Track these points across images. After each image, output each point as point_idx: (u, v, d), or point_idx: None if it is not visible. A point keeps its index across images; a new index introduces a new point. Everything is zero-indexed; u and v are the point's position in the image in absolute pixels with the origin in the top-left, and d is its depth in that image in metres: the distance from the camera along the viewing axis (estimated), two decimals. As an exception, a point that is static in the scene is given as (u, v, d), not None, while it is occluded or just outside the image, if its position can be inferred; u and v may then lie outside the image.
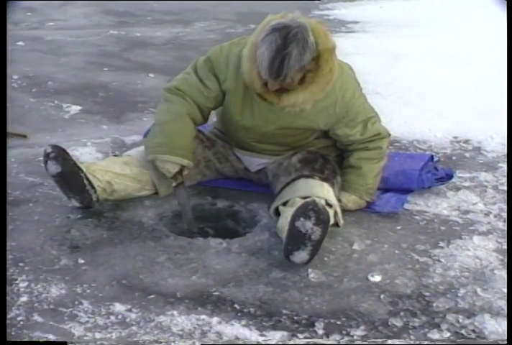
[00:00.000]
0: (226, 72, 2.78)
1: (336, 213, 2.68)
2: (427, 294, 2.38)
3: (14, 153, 3.42)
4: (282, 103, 2.69)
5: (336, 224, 2.70)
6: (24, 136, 3.63)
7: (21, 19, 6.28)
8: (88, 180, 2.77)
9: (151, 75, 4.82)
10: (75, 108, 4.13)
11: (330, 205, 2.65)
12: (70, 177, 2.74)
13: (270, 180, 2.98)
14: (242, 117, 2.83)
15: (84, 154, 3.41)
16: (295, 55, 2.49)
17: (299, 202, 2.56)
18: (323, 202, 2.58)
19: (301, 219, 2.43)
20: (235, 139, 3.01)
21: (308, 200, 2.51)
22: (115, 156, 3.11)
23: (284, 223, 2.55)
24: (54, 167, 2.72)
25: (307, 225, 2.43)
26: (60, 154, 2.74)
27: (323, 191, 2.71)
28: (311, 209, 2.44)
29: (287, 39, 2.49)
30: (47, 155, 2.74)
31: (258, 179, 3.06)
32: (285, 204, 2.70)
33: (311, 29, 2.53)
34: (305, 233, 2.43)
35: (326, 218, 2.47)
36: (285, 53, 2.49)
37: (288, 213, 2.56)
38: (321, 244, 2.49)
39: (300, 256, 2.47)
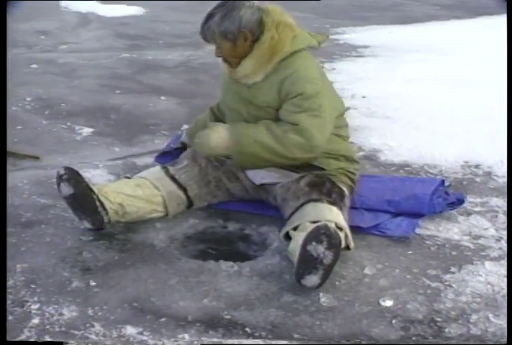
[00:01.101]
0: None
1: (346, 235, 2.69)
2: (439, 319, 2.37)
3: (27, 175, 3.45)
4: (236, 75, 2.92)
5: (347, 247, 2.70)
6: (37, 158, 3.66)
7: (35, 42, 6.34)
8: (100, 201, 2.78)
9: (163, 97, 4.85)
10: (87, 130, 4.15)
11: (340, 229, 2.65)
12: (83, 198, 2.76)
13: (279, 204, 2.98)
14: (224, 98, 3.10)
15: (96, 176, 3.43)
16: (216, 18, 2.80)
17: (310, 226, 2.57)
18: (333, 226, 2.59)
19: (313, 243, 2.44)
20: None
21: (320, 224, 2.51)
22: (127, 178, 3.13)
23: (295, 247, 2.56)
24: (67, 189, 2.75)
25: (319, 249, 2.43)
26: (72, 176, 2.76)
27: (332, 215, 2.72)
28: (322, 233, 2.44)
29: (218, 5, 2.85)
30: (60, 177, 2.77)
31: (266, 198, 3.06)
32: (295, 229, 2.71)
33: (264, 9, 2.82)
34: (317, 257, 2.44)
35: (337, 242, 2.48)
36: (209, 14, 2.84)
37: (299, 237, 2.57)
38: (332, 268, 2.49)
39: (312, 280, 2.47)
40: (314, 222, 2.62)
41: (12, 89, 4.77)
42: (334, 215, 2.72)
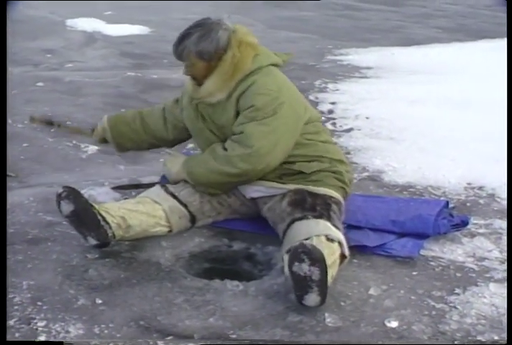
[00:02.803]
0: (185, 93, 3.13)
1: (340, 244, 2.69)
2: (444, 341, 2.37)
3: (33, 192, 3.47)
4: (201, 94, 2.96)
5: (343, 255, 2.69)
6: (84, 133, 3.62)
7: (41, 61, 6.38)
8: (101, 216, 2.81)
9: (167, 116, 4.87)
10: (92, 148, 4.17)
11: (331, 240, 2.66)
12: (84, 214, 2.78)
13: (273, 227, 3.00)
14: (194, 121, 3.09)
15: (101, 194, 3.44)
16: (194, 37, 2.86)
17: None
18: (316, 240, 2.60)
19: (296, 264, 2.45)
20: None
21: (296, 244, 2.52)
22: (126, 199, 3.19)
23: (286, 271, 2.57)
24: (66, 207, 2.78)
25: (304, 267, 2.45)
26: (71, 193, 2.80)
27: (319, 228, 2.72)
28: (301, 252, 2.46)
29: (196, 25, 2.91)
30: (59, 196, 2.80)
31: (262, 212, 3.06)
32: (288, 251, 2.71)
33: (233, 29, 2.90)
34: (305, 275, 2.45)
35: (318, 256, 2.46)
36: (185, 33, 2.90)
37: (285, 262, 2.59)
38: (325, 282, 2.48)
39: (312, 298, 2.48)
40: (305, 240, 2.62)
41: (18, 107, 4.81)
42: (321, 228, 2.72)
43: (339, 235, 2.72)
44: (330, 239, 2.65)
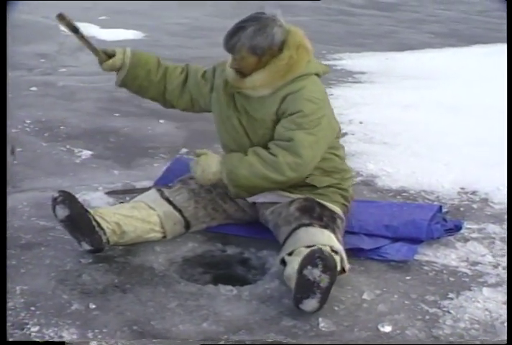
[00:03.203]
0: (222, 73, 3.03)
1: (342, 258, 2.70)
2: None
3: (26, 197, 3.46)
4: (245, 85, 2.90)
5: (343, 270, 2.71)
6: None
7: (35, 65, 6.37)
8: (96, 221, 2.81)
9: (161, 121, 4.88)
10: (86, 153, 4.17)
11: (335, 252, 2.67)
12: (79, 219, 2.78)
13: (272, 229, 3.01)
14: (221, 111, 3.02)
15: (95, 199, 3.44)
16: (249, 31, 2.79)
17: (305, 251, 2.59)
18: (328, 249, 2.60)
19: (309, 267, 2.45)
20: (226, 146, 3.13)
21: (315, 248, 2.53)
22: (122, 203, 3.17)
23: (291, 272, 2.57)
24: (62, 211, 2.77)
25: (315, 273, 2.44)
26: (66, 198, 2.79)
27: (324, 238, 2.74)
28: (317, 257, 2.46)
29: (250, 18, 2.84)
30: (54, 200, 2.80)
31: (262, 216, 3.07)
32: (290, 254, 2.72)
33: (289, 31, 2.86)
34: (314, 281, 2.45)
35: (333, 265, 2.49)
36: (240, 26, 2.82)
37: (294, 263, 2.58)
38: (329, 291, 2.50)
39: (310, 304, 2.48)
40: (308, 246, 2.64)
41: (12, 111, 4.79)
42: (326, 239, 2.73)
43: (341, 248, 2.74)
44: (334, 251, 2.66)
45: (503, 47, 7.89)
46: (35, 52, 6.76)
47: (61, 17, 3.09)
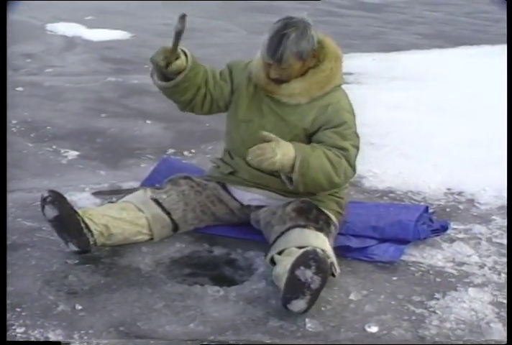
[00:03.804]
0: (242, 73, 3.00)
1: (332, 263, 2.70)
2: (425, 345, 2.39)
3: (12, 197, 3.43)
4: (281, 92, 2.89)
5: (332, 274, 2.71)
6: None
7: (21, 65, 6.33)
8: (85, 223, 2.79)
9: (148, 121, 4.87)
10: (72, 154, 4.15)
11: (327, 256, 2.67)
12: (67, 220, 2.77)
13: (262, 228, 3.01)
14: (246, 111, 2.97)
15: (82, 200, 3.43)
16: (293, 37, 2.75)
17: (297, 251, 2.59)
18: (322, 251, 2.60)
19: (301, 268, 2.45)
20: (235, 149, 3.05)
21: (309, 249, 2.53)
22: (111, 203, 3.15)
23: (282, 271, 2.57)
24: (51, 211, 2.75)
25: (307, 274, 2.45)
26: (56, 199, 2.77)
27: (318, 241, 2.74)
28: (311, 258, 2.46)
29: (287, 25, 2.79)
30: (44, 200, 2.78)
31: (255, 216, 3.07)
32: (280, 253, 2.72)
33: (319, 37, 2.85)
34: (305, 282, 2.45)
35: (326, 267, 2.50)
36: (283, 33, 2.76)
37: (285, 262, 2.58)
38: (319, 293, 2.50)
39: (299, 305, 2.48)
40: (301, 247, 2.64)
41: (-2, 111, 4.77)
42: (320, 242, 2.74)
43: (332, 254, 2.74)
44: (326, 255, 2.66)
45: (489, 49, 7.96)
46: (21, 52, 6.72)
47: (183, 18, 2.89)
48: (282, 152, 2.72)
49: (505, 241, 3.18)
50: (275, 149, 2.71)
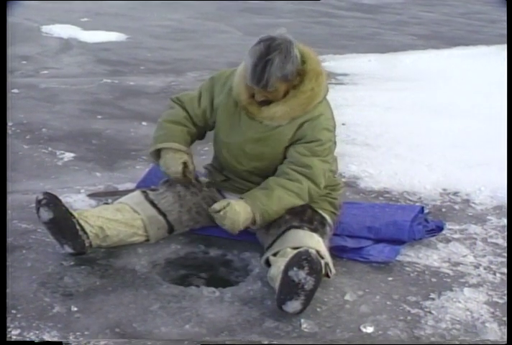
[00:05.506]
0: (222, 90, 2.96)
1: (327, 263, 2.71)
2: (420, 345, 2.39)
3: (8, 199, 3.43)
4: (262, 114, 2.86)
5: (327, 275, 2.72)
6: None
7: (17, 67, 6.32)
8: (80, 225, 2.79)
9: (144, 123, 4.87)
10: (68, 155, 4.15)
11: (322, 257, 2.67)
12: (63, 222, 2.76)
13: (257, 231, 3.00)
14: (227, 133, 2.97)
15: (77, 201, 3.43)
16: (277, 62, 2.68)
17: (291, 252, 2.59)
18: (315, 252, 2.61)
19: (295, 269, 2.45)
20: (222, 164, 3.08)
21: (302, 250, 2.54)
22: (106, 204, 3.14)
23: (276, 272, 2.57)
24: (46, 214, 2.75)
25: (300, 275, 2.45)
26: (51, 201, 2.77)
27: (313, 242, 2.75)
28: (304, 259, 2.46)
29: (270, 48, 2.69)
30: (38, 202, 2.77)
31: None
32: (275, 254, 2.73)
33: (298, 49, 2.76)
34: (299, 282, 2.45)
35: (319, 267, 2.50)
36: (267, 59, 2.68)
37: (279, 263, 2.59)
38: (313, 293, 2.51)
39: (293, 305, 2.49)
40: (295, 248, 2.65)
41: (-7, 114, 4.77)
42: (315, 243, 2.74)
43: (327, 255, 2.75)
44: (321, 256, 2.66)
45: (485, 49, 7.99)
46: (17, 54, 6.72)
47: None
48: (231, 222, 2.79)
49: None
50: (234, 216, 2.78)
